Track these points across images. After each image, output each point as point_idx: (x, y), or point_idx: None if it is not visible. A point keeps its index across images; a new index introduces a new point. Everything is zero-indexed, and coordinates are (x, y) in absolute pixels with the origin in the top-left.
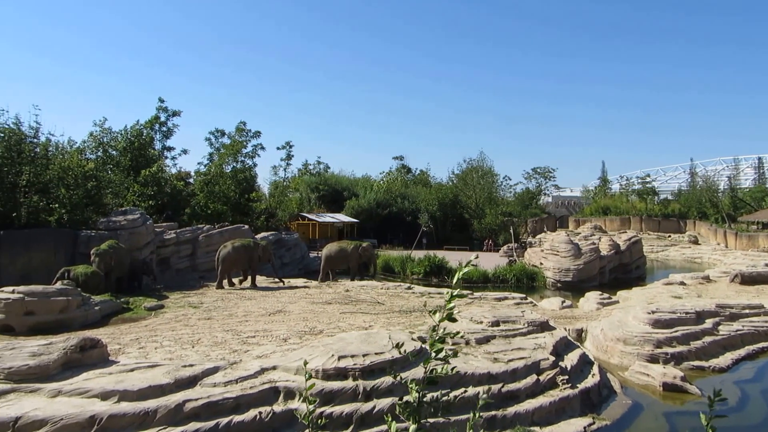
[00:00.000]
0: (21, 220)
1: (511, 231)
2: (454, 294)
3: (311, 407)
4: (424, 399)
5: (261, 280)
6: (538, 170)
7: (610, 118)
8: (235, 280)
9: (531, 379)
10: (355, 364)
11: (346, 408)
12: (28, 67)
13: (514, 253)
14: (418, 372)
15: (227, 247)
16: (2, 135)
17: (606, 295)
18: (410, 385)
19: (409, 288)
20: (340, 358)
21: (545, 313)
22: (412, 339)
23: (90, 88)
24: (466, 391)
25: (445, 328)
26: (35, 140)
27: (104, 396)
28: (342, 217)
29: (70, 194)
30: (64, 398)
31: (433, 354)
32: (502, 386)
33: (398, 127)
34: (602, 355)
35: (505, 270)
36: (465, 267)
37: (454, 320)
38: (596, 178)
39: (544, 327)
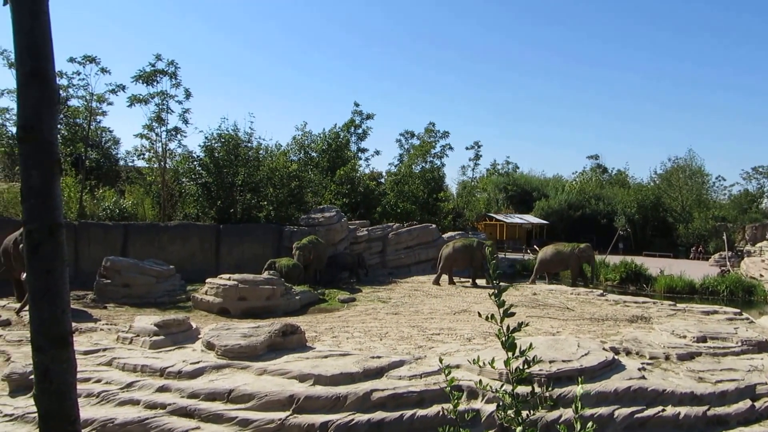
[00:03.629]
0: (237, 216)
1: (725, 238)
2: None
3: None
4: (614, 414)
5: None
6: (760, 169)
7: None
8: (457, 278)
9: (744, 405)
10: (540, 370)
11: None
12: (245, 66)
13: (728, 263)
14: (608, 384)
15: (449, 247)
16: (224, 140)
17: None
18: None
19: (602, 295)
20: (525, 362)
21: (765, 332)
22: (604, 349)
23: (293, 88)
24: (664, 410)
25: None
26: (249, 144)
27: (301, 378)
28: (531, 218)
29: (276, 193)
30: (268, 377)
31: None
32: (708, 409)
33: (593, 125)
34: None
35: (716, 281)
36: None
37: None
38: None
39: (762, 347)
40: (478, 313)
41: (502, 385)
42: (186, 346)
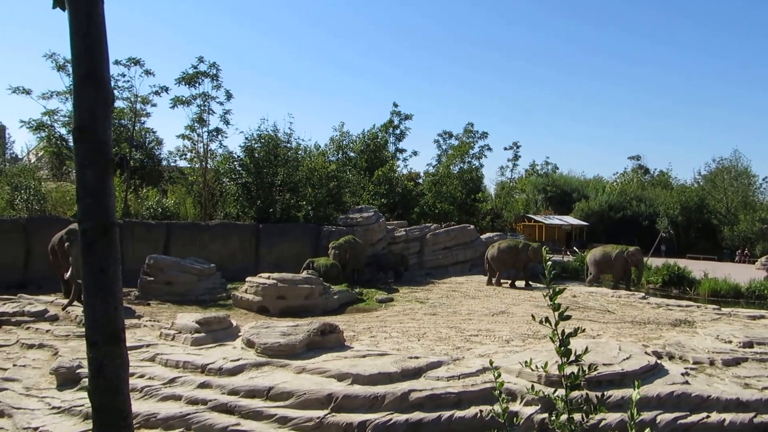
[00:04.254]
0: (276, 215)
1: None
2: None
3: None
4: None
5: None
6: None
7: None
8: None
9: None
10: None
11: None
12: (284, 66)
13: None
14: (651, 389)
15: (494, 248)
16: (263, 141)
17: None
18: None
19: (644, 298)
20: (581, 368)
21: None
22: (646, 353)
23: (332, 89)
24: (708, 416)
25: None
26: (288, 145)
27: (340, 377)
28: (570, 220)
29: (315, 193)
30: (307, 375)
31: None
32: (754, 416)
33: (635, 125)
34: None
35: (763, 285)
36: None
37: None
38: None
39: None
40: (532, 316)
41: (555, 390)
42: (226, 343)
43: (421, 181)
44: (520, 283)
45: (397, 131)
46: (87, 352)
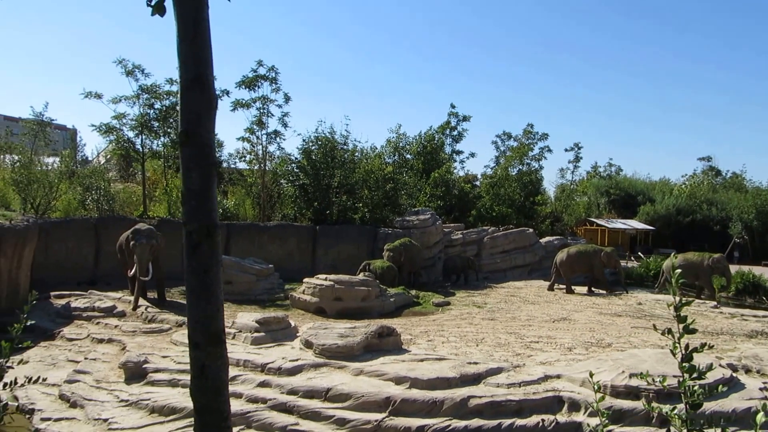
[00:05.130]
0: (333, 217)
1: None
2: None
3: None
4: None
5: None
6: None
7: None
8: (576, 287)
9: None
10: (649, 385)
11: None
12: (341, 68)
13: None
14: (725, 404)
15: (563, 253)
16: (320, 143)
17: None
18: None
19: (715, 307)
20: (631, 375)
21: None
22: (720, 365)
23: (388, 90)
24: None
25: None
26: (345, 147)
27: (398, 381)
28: (634, 224)
29: (371, 195)
30: (364, 377)
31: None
32: None
33: (705, 126)
34: None
35: None
36: None
37: None
38: None
39: None
40: (654, 326)
41: (673, 408)
42: (285, 343)
43: (478, 183)
44: (594, 290)
45: (455, 133)
46: (189, 352)
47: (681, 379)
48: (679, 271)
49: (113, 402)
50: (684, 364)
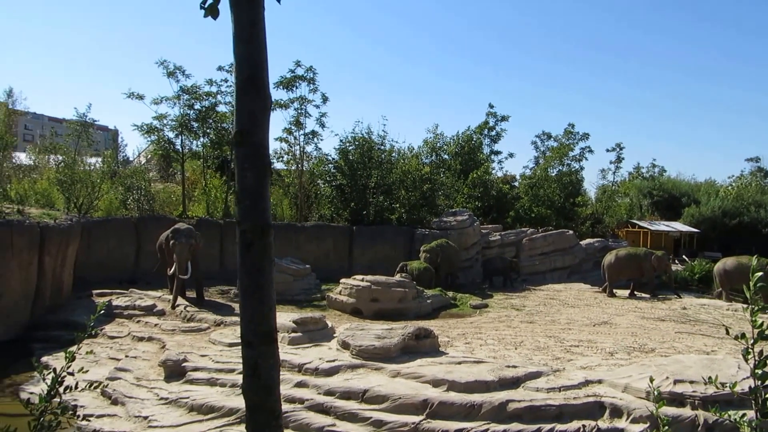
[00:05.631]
0: (370, 218)
1: None
2: None
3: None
4: None
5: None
6: None
7: None
8: (619, 291)
9: None
10: (694, 392)
11: None
12: (379, 68)
13: None
14: None
15: (612, 255)
16: (358, 143)
17: None
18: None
19: (764, 312)
20: (676, 382)
21: None
22: None
23: (426, 90)
24: None
25: None
26: (382, 147)
27: (435, 383)
28: (678, 226)
29: (408, 195)
30: (401, 379)
31: None
32: None
33: (753, 126)
34: None
35: None
36: None
37: None
38: None
39: None
40: (726, 329)
41: (742, 415)
42: (322, 344)
43: (517, 184)
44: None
45: (493, 133)
46: (242, 351)
47: (752, 385)
48: (760, 274)
49: (153, 400)
50: (757, 371)
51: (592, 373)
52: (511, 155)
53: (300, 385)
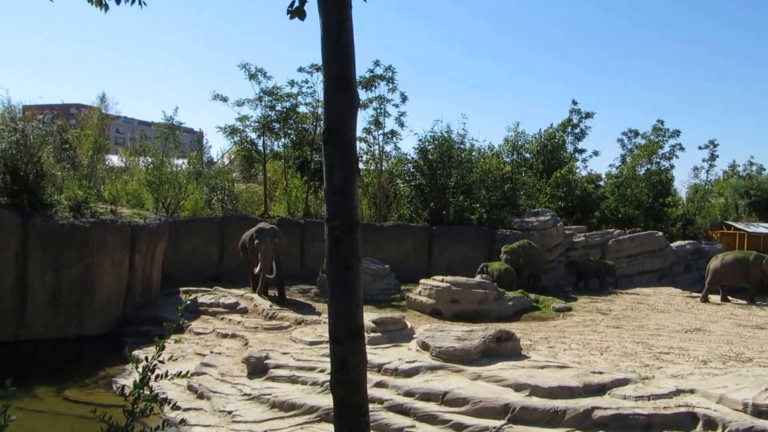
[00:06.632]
0: (449, 218)
1: None
2: None
3: None
4: None
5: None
6: None
7: None
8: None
9: None
10: None
11: None
12: (458, 66)
13: None
14: None
15: (717, 260)
16: (437, 142)
17: None
18: None
19: None
20: None
21: None
22: None
23: (506, 87)
24: None
25: None
26: (462, 146)
27: (517, 387)
28: None
29: (489, 195)
30: (482, 382)
31: None
32: None
33: None
34: None
35: None
36: None
37: None
38: None
39: None
40: None
41: None
42: (401, 344)
43: (602, 183)
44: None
45: (577, 130)
46: (330, 347)
47: None
48: None
49: (237, 395)
50: None
51: (684, 382)
52: (595, 153)
53: (379, 385)
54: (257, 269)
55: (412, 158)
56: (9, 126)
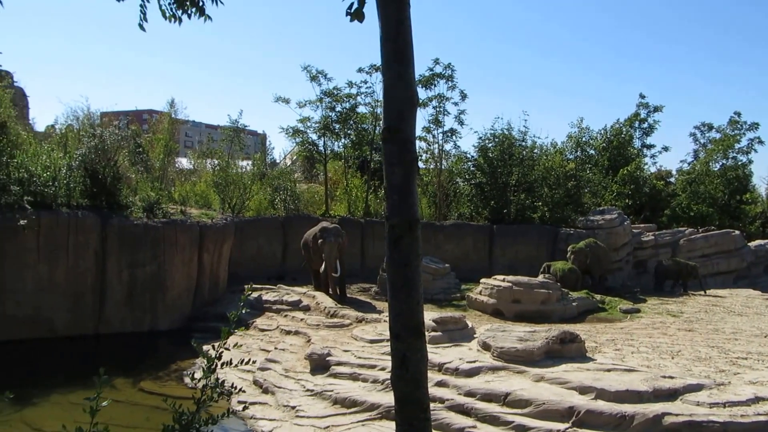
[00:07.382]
0: (510, 217)
1: None
2: None
3: None
4: None
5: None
6: None
7: None
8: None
9: None
10: None
11: None
12: (518, 63)
13: None
14: None
15: None
16: (497, 140)
17: None
18: None
19: None
20: None
21: None
22: None
23: (569, 83)
24: None
25: None
26: (523, 143)
27: (582, 390)
28: None
29: (552, 193)
30: (545, 384)
31: None
32: None
33: None
34: None
35: None
36: None
37: None
38: None
39: None
40: None
41: None
42: (462, 344)
43: (672, 180)
44: None
45: (645, 125)
46: (391, 344)
47: None
48: None
49: (300, 391)
50: None
51: (764, 389)
52: (665, 149)
53: (440, 384)
54: (321, 268)
55: (472, 156)
56: (88, 132)
